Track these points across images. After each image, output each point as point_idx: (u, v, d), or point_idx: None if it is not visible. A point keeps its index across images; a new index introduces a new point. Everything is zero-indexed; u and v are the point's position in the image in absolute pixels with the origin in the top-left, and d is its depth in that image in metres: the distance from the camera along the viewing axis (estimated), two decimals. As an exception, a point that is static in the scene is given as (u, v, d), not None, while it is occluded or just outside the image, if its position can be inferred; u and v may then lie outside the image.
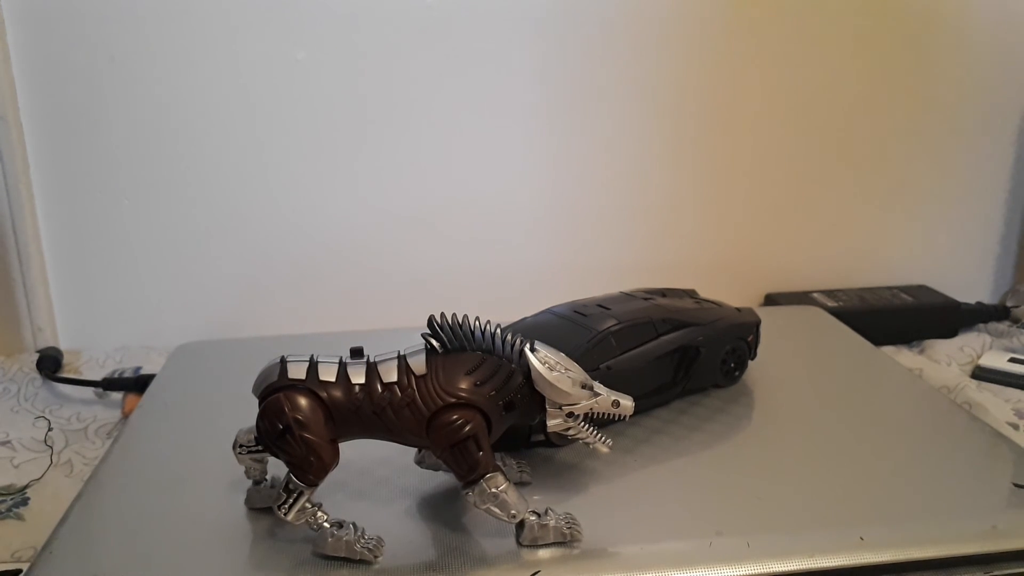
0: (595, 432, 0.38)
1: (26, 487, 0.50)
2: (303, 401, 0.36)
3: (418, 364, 0.37)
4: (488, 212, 0.72)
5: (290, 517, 0.36)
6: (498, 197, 0.71)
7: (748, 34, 0.70)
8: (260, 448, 0.38)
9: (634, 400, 0.38)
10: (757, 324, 0.54)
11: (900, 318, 0.71)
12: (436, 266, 0.72)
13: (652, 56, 0.69)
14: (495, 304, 0.68)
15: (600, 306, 0.50)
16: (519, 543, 0.37)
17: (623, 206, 0.73)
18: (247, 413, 0.38)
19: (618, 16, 0.68)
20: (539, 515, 0.37)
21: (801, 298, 0.74)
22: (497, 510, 0.36)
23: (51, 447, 0.55)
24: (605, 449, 0.39)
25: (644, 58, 0.69)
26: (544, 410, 0.37)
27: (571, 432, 0.38)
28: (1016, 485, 0.42)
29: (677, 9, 0.68)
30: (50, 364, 0.64)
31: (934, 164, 0.76)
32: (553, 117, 0.70)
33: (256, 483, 0.40)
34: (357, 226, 0.70)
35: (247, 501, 0.41)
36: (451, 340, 0.37)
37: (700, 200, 0.74)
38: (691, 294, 0.57)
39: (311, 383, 0.36)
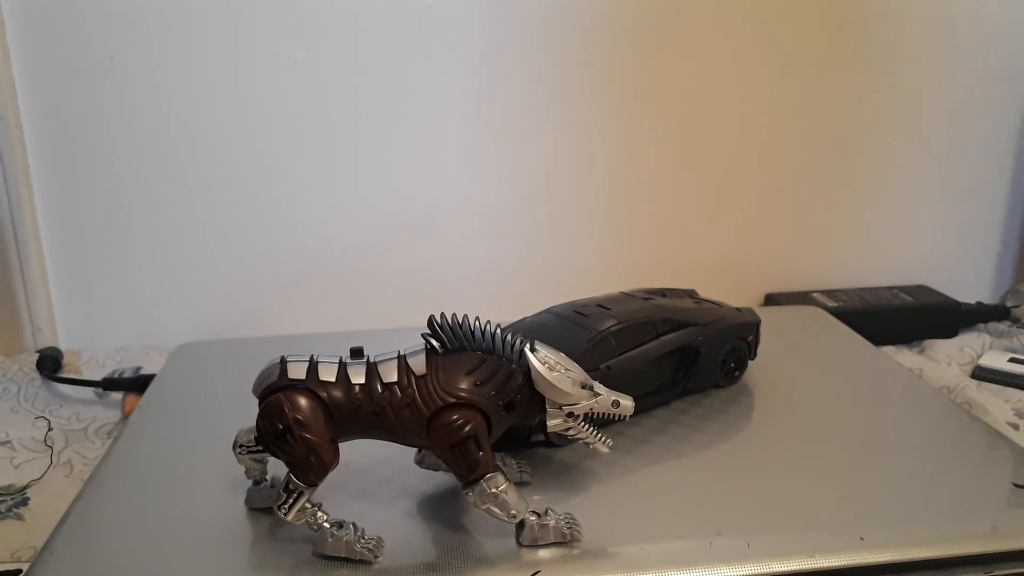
0: (595, 432, 0.38)
1: (26, 487, 0.50)
2: (303, 401, 0.36)
3: (418, 364, 0.37)
4: (488, 212, 0.72)
5: (290, 517, 0.36)
6: (499, 197, 0.71)
7: (748, 33, 0.70)
8: (260, 448, 0.38)
9: (634, 400, 0.38)
10: (757, 324, 0.54)
11: (900, 318, 0.71)
12: (437, 266, 0.72)
13: (654, 56, 0.69)
14: (495, 304, 0.68)
15: (600, 306, 0.50)
16: (519, 543, 0.37)
17: (623, 206, 0.73)
18: (247, 413, 0.38)
19: (625, 15, 0.68)
20: (539, 515, 0.37)
21: (801, 298, 0.74)
22: (497, 510, 0.36)
23: (51, 447, 0.55)
24: (605, 449, 0.39)
25: (648, 58, 0.69)
26: (544, 410, 0.37)
27: (571, 432, 0.38)
28: (1016, 485, 0.42)
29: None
30: (50, 364, 0.64)
31: (934, 164, 0.76)
32: (555, 118, 0.70)
33: (256, 483, 0.40)
34: (358, 225, 0.70)
35: (247, 501, 0.41)
36: (451, 340, 0.37)
37: (700, 200, 0.74)
38: (691, 294, 0.57)
39: (311, 383, 0.36)
